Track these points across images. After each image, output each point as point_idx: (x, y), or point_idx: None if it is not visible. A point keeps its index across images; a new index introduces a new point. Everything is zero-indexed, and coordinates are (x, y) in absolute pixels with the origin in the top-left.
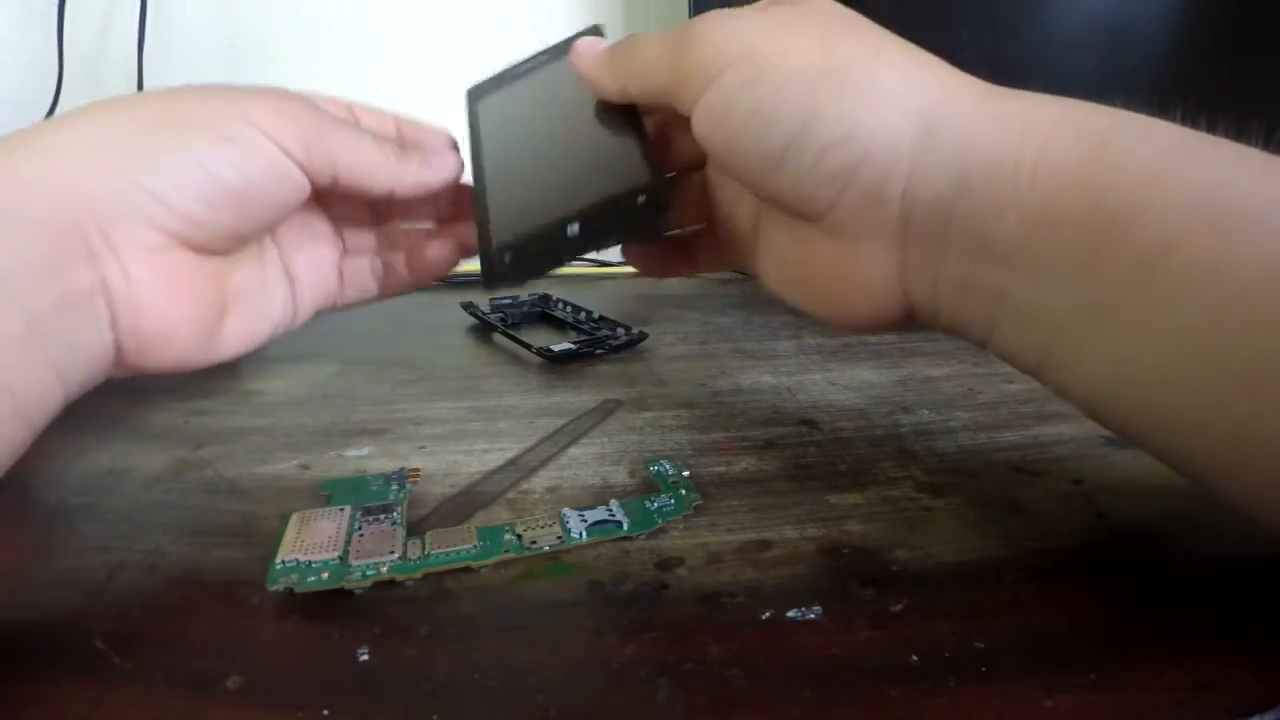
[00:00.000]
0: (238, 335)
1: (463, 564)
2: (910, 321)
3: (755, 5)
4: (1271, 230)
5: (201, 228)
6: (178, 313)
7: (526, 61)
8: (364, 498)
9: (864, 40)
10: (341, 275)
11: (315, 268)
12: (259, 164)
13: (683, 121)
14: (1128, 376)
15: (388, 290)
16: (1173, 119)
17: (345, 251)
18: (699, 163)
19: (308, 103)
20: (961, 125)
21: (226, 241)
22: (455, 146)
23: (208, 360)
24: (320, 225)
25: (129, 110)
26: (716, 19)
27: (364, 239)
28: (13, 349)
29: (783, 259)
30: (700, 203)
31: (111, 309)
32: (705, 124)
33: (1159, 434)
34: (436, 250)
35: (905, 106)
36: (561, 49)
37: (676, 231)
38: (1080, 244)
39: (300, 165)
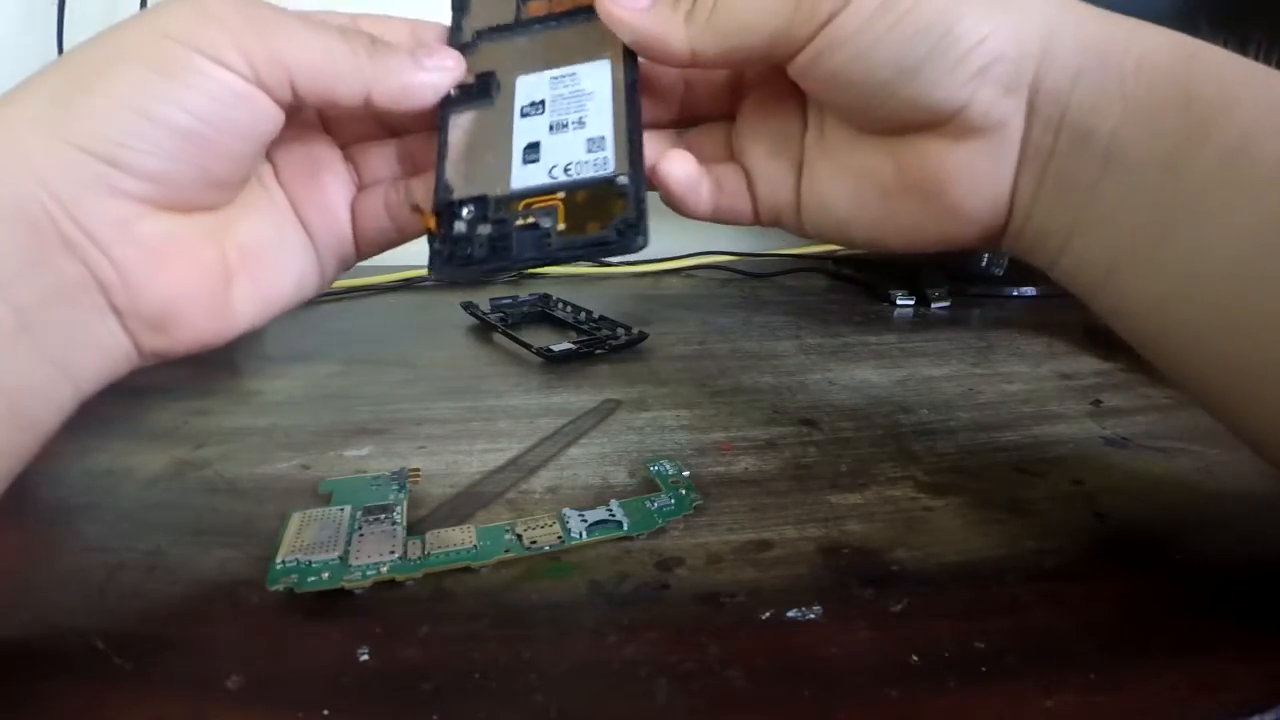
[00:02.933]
0: (252, 299)
1: (463, 564)
2: (993, 238)
3: None
4: None
5: (164, 183)
6: (175, 286)
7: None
8: (364, 498)
9: None
10: (354, 214)
11: (328, 213)
12: (197, 89)
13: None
14: (1205, 270)
15: (407, 227)
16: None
17: (362, 186)
18: (721, 114)
19: (240, 2)
20: (1077, 27)
21: (203, 191)
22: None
23: (229, 332)
24: (328, 162)
25: (62, 66)
26: None
27: (386, 166)
28: (2, 346)
29: (875, 181)
30: (720, 157)
31: (108, 297)
32: (820, 56)
33: (1221, 338)
34: None
35: (1031, 10)
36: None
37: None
38: (1172, 137)
39: (244, 77)
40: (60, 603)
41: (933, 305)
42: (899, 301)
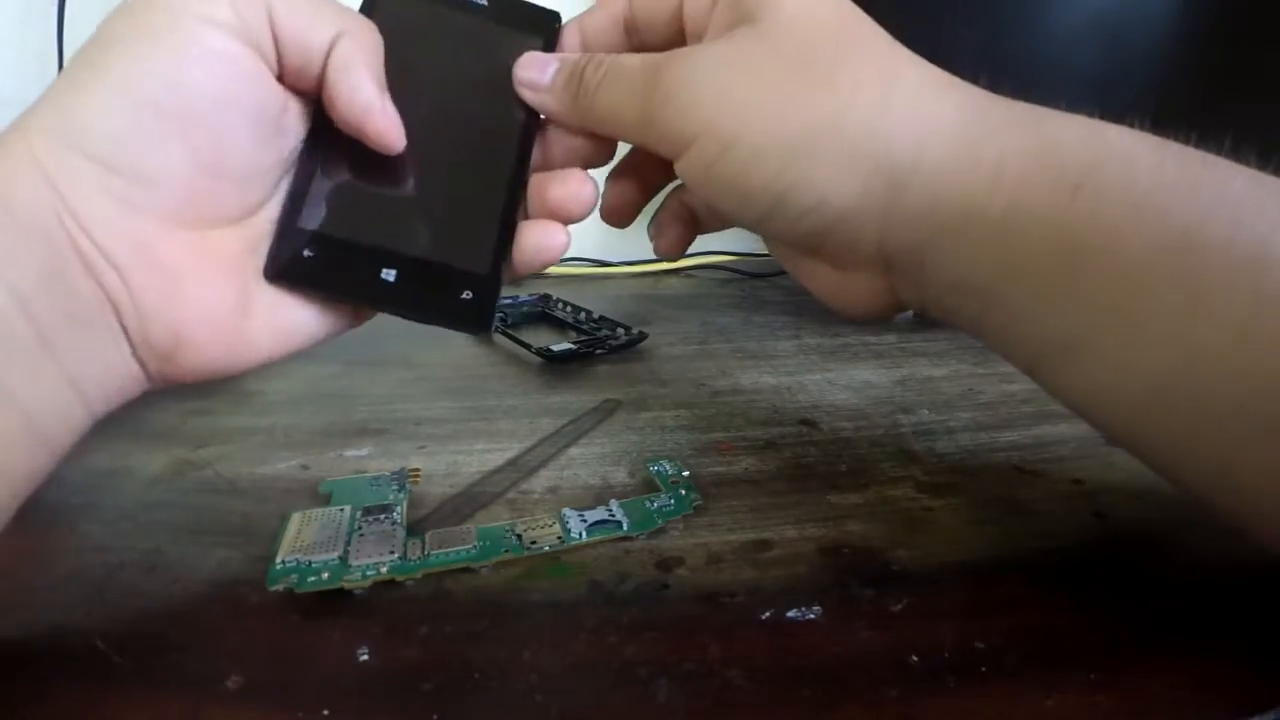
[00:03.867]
0: (271, 330)
1: (463, 564)
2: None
3: (721, 20)
4: (1233, 290)
5: (170, 181)
6: (189, 315)
7: None
8: (364, 498)
9: (835, 79)
10: None
11: None
12: (186, 55)
13: None
14: (1106, 404)
15: (521, 267)
16: (1170, 135)
17: None
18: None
19: None
20: (931, 179)
21: (216, 188)
22: None
23: (243, 363)
24: None
25: (71, 68)
26: (678, 78)
27: None
28: (25, 361)
29: (789, 262)
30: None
31: (121, 321)
32: (687, 181)
33: (1142, 455)
34: (570, 188)
35: (873, 167)
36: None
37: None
38: (1053, 280)
39: (237, 35)
40: (60, 603)
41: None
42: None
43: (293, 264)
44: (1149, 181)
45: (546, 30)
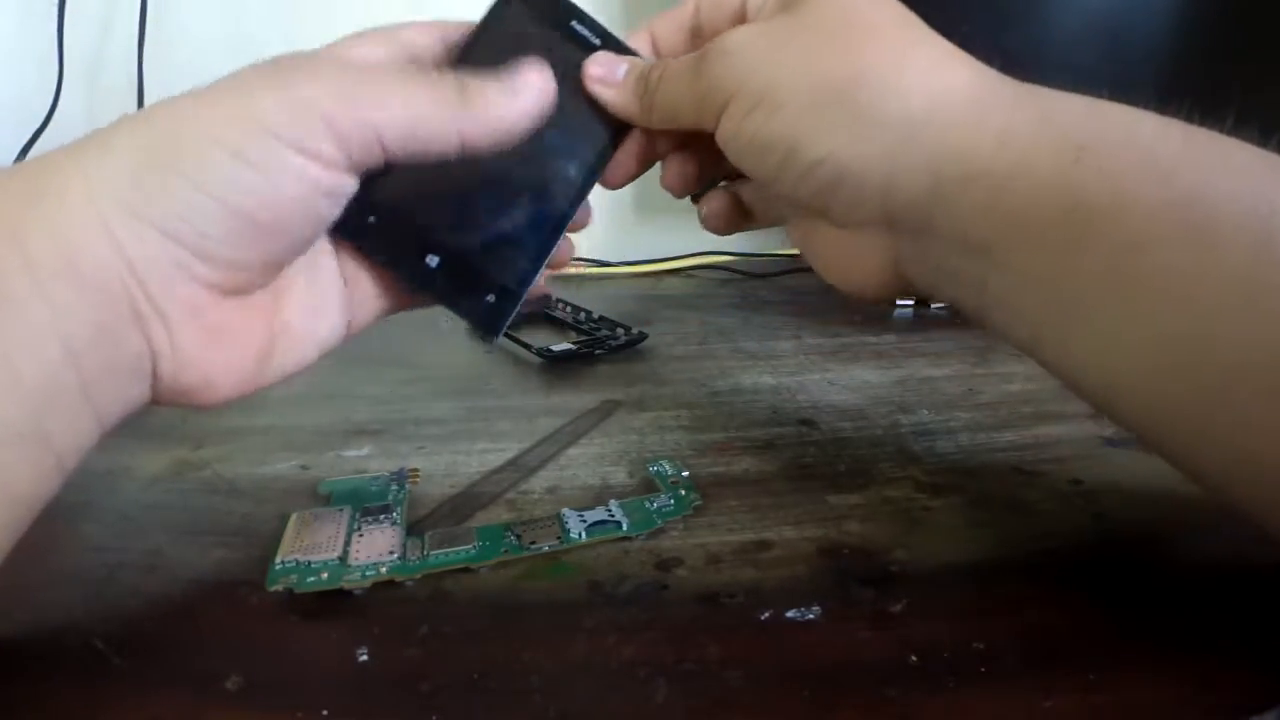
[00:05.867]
0: (279, 369)
1: (462, 564)
2: (913, 293)
3: (768, 12)
4: (1240, 247)
5: (236, 269)
6: (221, 365)
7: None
8: (364, 498)
9: (862, 47)
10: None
11: (376, 271)
12: (286, 184)
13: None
14: (1109, 370)
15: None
16: (1171, 114)
17: None
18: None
19: (327, 75)
20: (939, 134)
21: (267, 275)
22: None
23: (246, 394)
24: None
25: (145, 130)
26: (724, 49)
27: None
28: (68, 409)
29: (799, 235)
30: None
31: (154, 367)
32: (722, 144)
33: (1141, 427)
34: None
35: (881, 125)
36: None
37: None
38: (1055, 245)
39: (338, 166)
40: (60, 603)
41: (932, 305)
42: (899, 301)
43: (358, 227)
44: (1154, 147)
45: None
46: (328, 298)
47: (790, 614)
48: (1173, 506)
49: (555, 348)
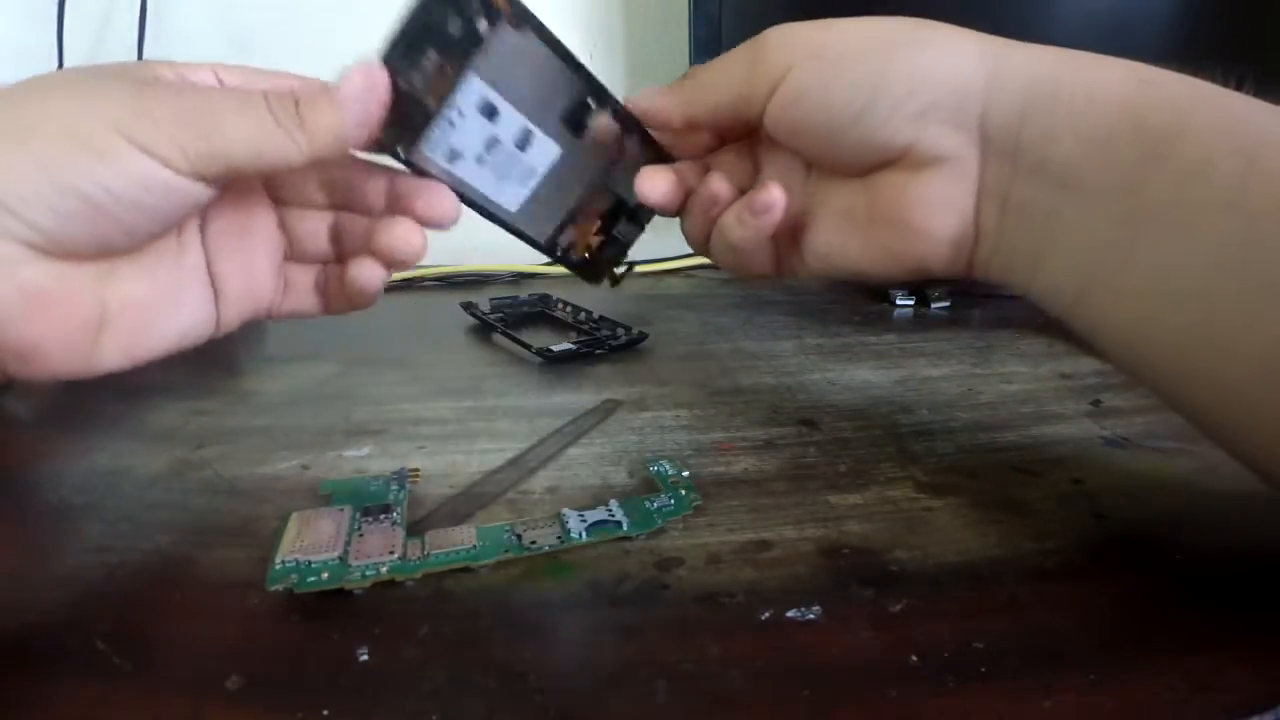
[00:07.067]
0: (119, 350)
1: (462, 564)
2: (965, 263)
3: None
4: None
5: (56, 240)
6: (46, 330)
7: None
8: (364, 498)
9: (918, 23)
10: (285, 282)
11: (248, 273)
12: (131, 181)
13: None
14: (1167, 291)
15: (333, 303)
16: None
17: (291, 255)
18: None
19: (169, 85)
20: (1023, 63)
21: (94, 254)
22: (374, 68)
23: (90, 372)
24: (262, 224)
25: (4, 103)
26: (781, 28)
27: (316, 240)
28: None
29: (847, 212)
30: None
31: None
32: (780, 112)
33: (1191, 356)
34: (397, 236)
35: (968, 53)
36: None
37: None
38: (1126, 163)
39: (183, 174)
40: (60, 602)
41: (932, 305)
42: (899, 301)
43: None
44: (1205, 85)
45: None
46: (188, 290)
47: (790, 614)
48: (1173, 506)
49: (555, 348)
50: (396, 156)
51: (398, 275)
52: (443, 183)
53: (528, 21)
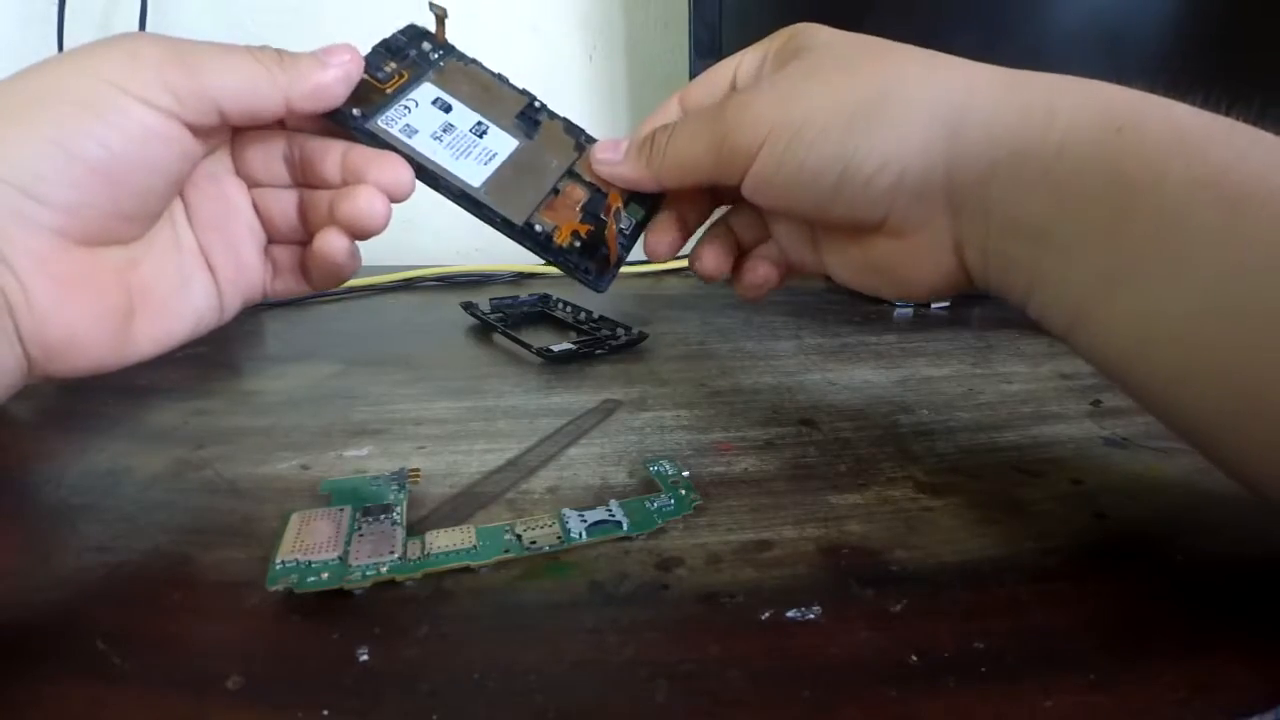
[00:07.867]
0: (151, 335)
1: (463, 564)
2: (969, 287)
3: (757, 51)
4: (1268, 215)
5: (76, 215)
6: (80, 318)
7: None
8: (364, 498)
9: (880, 64)
10: (273, 264)
11: (237, 258)
12: (127, 128)
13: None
14: (1149, 333)
15: (313, 280)
16: (1192, 103)
17: (271, 238)
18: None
19: (161, 38)
20: (987, 120)
21: (113, 224)
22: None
23: (123, 362)
24: (239, 206)
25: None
26: (745, 98)
27: (287, 219)
28: None
29: (849, 261)
30: (753, 230)
31: (15, 322)
32: (757, 187)
33: (1177, 389)
34: (357, 204)
35: (930, 117)
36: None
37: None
38: (1101, 215)
39: (174, 114)
40: (60, 602)
41: (932, 305)
42: (899, 302)
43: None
44: (1187, 125)
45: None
46: (194, 277)
47: (790, 614)
48: (1173, 506)
49: (555, 348)
50: (355, 123)
51: (398, 275)
52: (398, 154)
53: (475, 62)
